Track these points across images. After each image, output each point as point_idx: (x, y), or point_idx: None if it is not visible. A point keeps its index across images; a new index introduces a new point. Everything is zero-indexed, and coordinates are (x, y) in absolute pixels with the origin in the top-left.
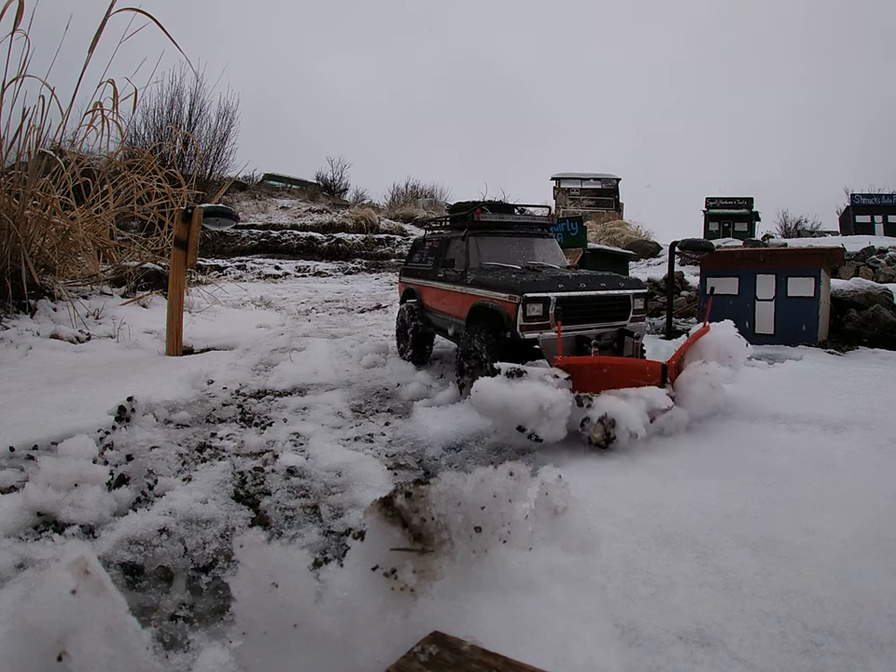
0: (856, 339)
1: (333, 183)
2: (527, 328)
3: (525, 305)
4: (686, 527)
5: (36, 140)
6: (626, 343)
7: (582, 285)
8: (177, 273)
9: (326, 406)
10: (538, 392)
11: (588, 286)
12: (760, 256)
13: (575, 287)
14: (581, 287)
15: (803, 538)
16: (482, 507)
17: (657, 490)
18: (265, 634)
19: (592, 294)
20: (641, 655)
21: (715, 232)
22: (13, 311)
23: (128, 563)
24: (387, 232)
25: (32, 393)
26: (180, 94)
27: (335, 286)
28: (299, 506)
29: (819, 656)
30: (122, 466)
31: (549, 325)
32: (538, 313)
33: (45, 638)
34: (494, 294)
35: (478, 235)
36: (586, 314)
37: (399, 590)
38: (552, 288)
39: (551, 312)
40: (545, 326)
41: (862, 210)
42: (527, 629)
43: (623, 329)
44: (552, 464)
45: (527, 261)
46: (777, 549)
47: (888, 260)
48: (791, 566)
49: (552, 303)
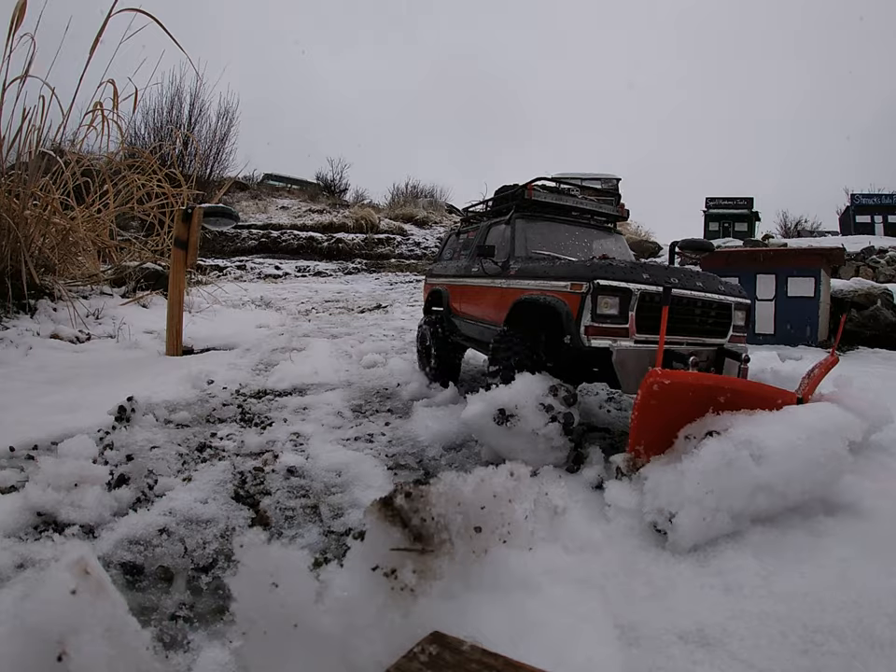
0: (856, 339)
1: (333, 183)
2: (596, 331)
3: (595, 297)
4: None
5: (37, 140)
6: (729, 369)
7: (674, 280)
8: (177, 272)
9: (326, 406)
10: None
11: (682, 282)
12: (760, 256)
13: (665, 281)
14: (674, 282)
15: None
16: (481, 507)
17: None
18: (265, 634)
19: (689, 295)
20: (641, 655)
21: (715, 232)
22: (13, 311)
23: (128, 563)
24: (387, 232)
25: (32, 393)
26: (180, 94)
27: (335, 286)
28: (299, 506)
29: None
30: (122, 466)
31: (626, 330)
32: (612, 311)
33: (45, 638)
34: (548, 285)
35: (528, 218)
36: (676, 321)
37: (399, 590)
38: (635, 278)
39: (632, 312)
40: (622, 331)
41: (863, 210)
42: (527, 629)
43: (722, 348)
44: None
45: (590, 256)
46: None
47: (888, 260)
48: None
49: (634, 298)
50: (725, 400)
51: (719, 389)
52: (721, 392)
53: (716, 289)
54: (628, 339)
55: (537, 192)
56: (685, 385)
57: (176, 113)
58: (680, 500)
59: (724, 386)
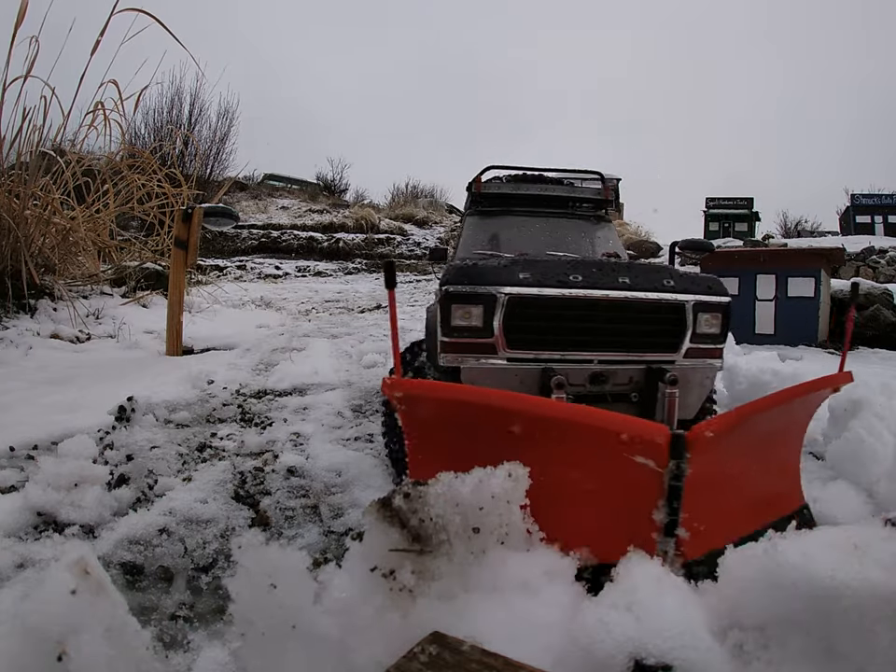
0: (856, 339)
1: (333, 183)
2: (450, 347)
3: (447, 306)
4: None
5: (37, 140)
6: (660, 395)
7: (575, 276)
8: (177, 272)
9: (326, 406)
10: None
11: (588, 278)
12: (760, 256)
13: (562, 277)
14: (576, 279)
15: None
16: (480, 508)
17: None
18: (263, 635)
19: (596, 295)
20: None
21: (715, 232)
22: (13, 311)
23: (128, 563)
24: (387, 232)
25: (32, 393)
26: (180, 94)
27: (335, 286)
28: (298, 506)
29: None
30: (122, 466)
31: (492, 346)
32: (469, 322)
33: (45, 638)
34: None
35: (483, 214)
36: (581, 331)
37: (398, 590)
38: (508, 278)
39: (496, 321)
40: (487, 347)
41: (863, 210)
42: (526, 629)
43: (658, 366)
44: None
45: (543, 250)
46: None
47: (888, 260)
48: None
49: (500, 304)
50: (521, 432)
51: (498, 411)
52: (508, 417)
53: (656, 286)
54: (496, 356)
55: (486, 185)
56: (428, 399)
57: (177, 113)
58: None
59: (510, 408)
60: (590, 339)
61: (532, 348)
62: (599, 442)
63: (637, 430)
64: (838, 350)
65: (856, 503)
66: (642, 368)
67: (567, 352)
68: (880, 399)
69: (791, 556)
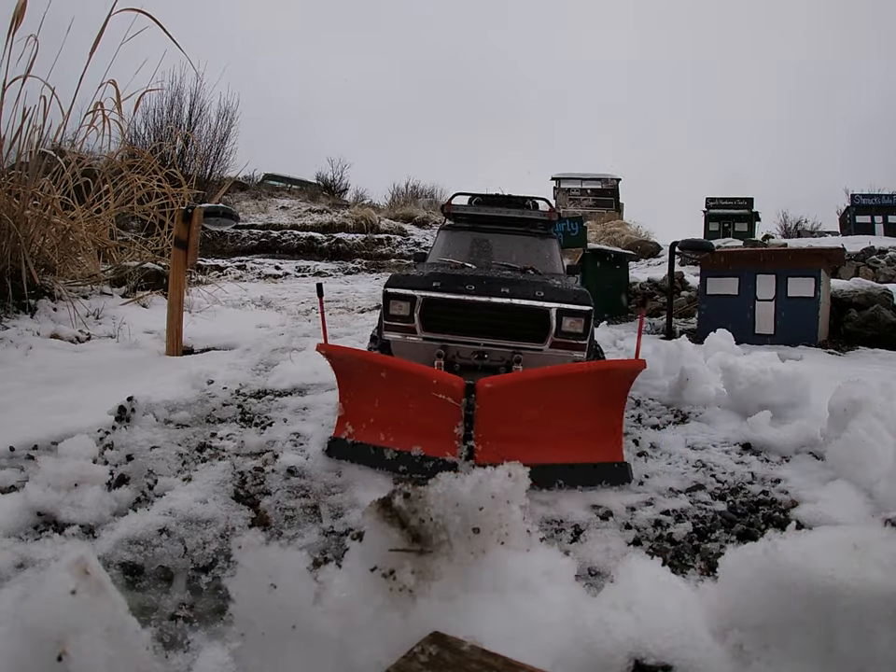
0: (856, 339)
1: (333, 183)
2: (388, 328)
3: (387, 301)
4: None
5: (37, 140)
6: (514, 368)
7: (471, 287)
8: (177, 272)
9: (326, 406)
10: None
11: (478, 289)
12: (760, 256)
13: (460, 287)
14: (470, 288)
15: None
16: (480, 508)
17: None
18: (263, 635)
19: (481, 301)
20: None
21: (715, 232)
22: (13, 311)
23: (128, 563)
24: (387, 232)
25: (32, 393)
26: (180, 94)
27: (335, 286)
28: (299, 506)
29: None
30: (122, 466)
31: (414, 329)
32: (399, 312)
33: (45, 638)
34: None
35: (452, 229)
36: (470, 323)
37: (398, 590)
38: (424, 286)
39: (416, 313)
40: (409, 329)
41: (863, 210)
42: (526, 630)
43: (521, 350)
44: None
45: (506, 262)
46: None
47: (888, 261)
48: None
49: (418, 302)
50: (386, 376)
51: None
52: (379, 368)
53: (529, 295)
54: (415, 335)
55: (455, 206)
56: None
57: (176, 113)
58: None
59: (379, 362)
60: (477, 329)
61: (438, 332)
62: (425, 385)
63: (443, 380)
64: (838, 350)
65: (856, 503)
66: (511, 350)
67: (461, 336)
68: (880, 399)
69: (791, 556)
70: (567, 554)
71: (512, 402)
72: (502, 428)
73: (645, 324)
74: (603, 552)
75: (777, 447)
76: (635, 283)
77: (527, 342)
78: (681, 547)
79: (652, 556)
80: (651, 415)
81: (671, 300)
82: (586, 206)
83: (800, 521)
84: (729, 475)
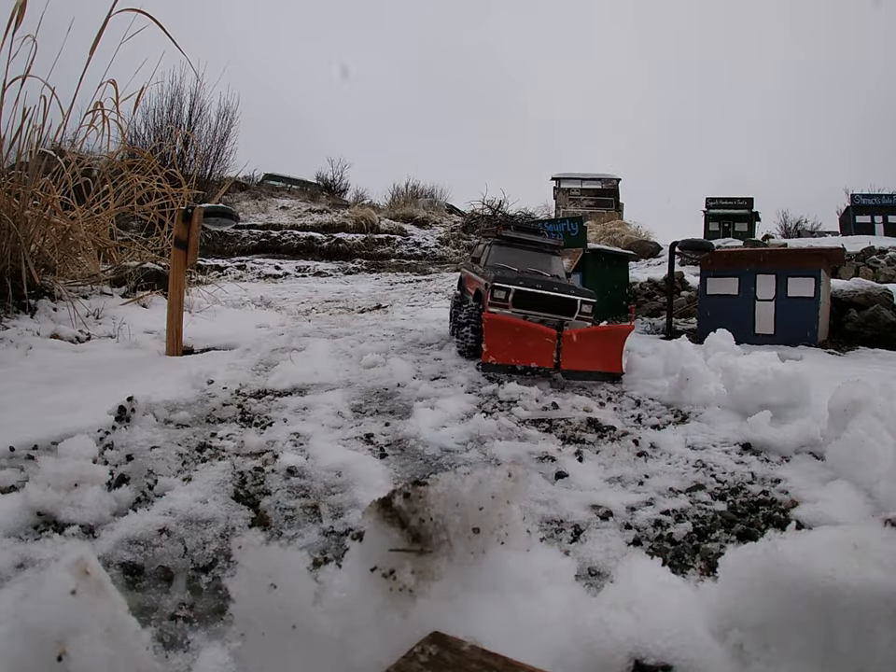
0: (856, 339)
1: (333, 183)
2: (493, 305)
3: (492, 290)
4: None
5: (37, 140)
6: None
7: (538, 285)
8: (177, 272)
9: (326, 406)
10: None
11: (539, 285)
12: (760, 256)
13: (534, 284)
14: (538, 286)
15: None
16: (480, 508)
17: None
18: (263, 635)
19: (544, 293)
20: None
21: (715, 232)
22: (13, 311)
23: (128, 563)
24: (387, 232)
25: (32, 393)
26: (180, 94)
27: (335, 286)
28: (299, 506)
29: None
30: (122, 466)
31: (507, 306)
32: (501, 296)
33: (45, 639)
34: (482, 281)
35: (498, 244)
36: (538, 305)
37: (398, 590)
38: (514, 282)
39: (510, 298)
40: (505, 306)
41: (863, 210)
42: (526, 629)
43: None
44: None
45: (527, 268)
46: None
47: (888, 260)
48: None
49: (511, 292)
50: (520, 331)
51: (515, 324)
52: (515, 326)
53: (567, 291)
54: (508, 311)
55: (506, 230)
56: (498, 320)
57: (176, 113)
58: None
59: (516, 323)
60: (541, 307)
61: (521, 308)
62: (539, 333)
63: (547, 331)
64: (838, 350)
65: (856, 503)
66: (560, 319)
67: (533, 311)
68: (880, 399)
69: (791, 556)
70: (566, 554)
71: (577, 342)
72: (572, 352)
73: (645, 324)
74: (603, 552)
75: (777, 447)
76: (635, 283)
77: (565, 315)
78: (681, 547)
79: (652, 556)
80: (651, 415)
81: (671, 300)
82: (586, 206)
83: (800, 521)
84: (729, 475)
